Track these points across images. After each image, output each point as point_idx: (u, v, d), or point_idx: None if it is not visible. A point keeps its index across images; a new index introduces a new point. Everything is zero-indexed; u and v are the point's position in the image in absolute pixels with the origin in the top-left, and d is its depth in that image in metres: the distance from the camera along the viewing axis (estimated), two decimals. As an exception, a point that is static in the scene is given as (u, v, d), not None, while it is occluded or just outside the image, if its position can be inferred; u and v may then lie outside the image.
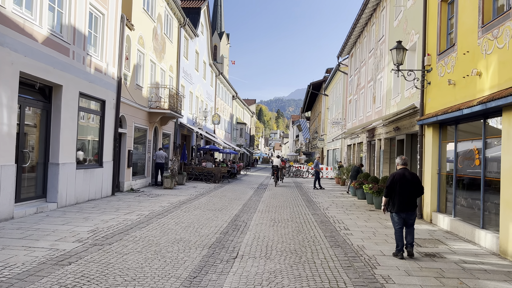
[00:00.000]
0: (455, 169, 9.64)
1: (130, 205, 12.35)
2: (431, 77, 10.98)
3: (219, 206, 13.30)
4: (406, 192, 7.00)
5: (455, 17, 9.43)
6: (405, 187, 7.01)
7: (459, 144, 9.59)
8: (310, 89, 46.68)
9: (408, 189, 7.01)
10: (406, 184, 7.03)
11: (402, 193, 7.00)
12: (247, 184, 23.93)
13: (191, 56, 27.36)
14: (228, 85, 41.97)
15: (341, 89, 30.61)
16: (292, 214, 12.01)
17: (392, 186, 7.08)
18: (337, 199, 16.54)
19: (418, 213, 11.41)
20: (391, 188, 7.09)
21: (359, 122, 22.57)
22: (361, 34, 23.17)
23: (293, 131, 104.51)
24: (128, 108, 16.15)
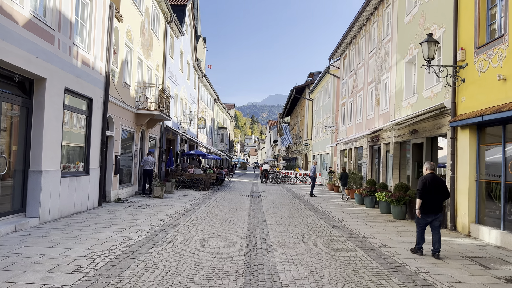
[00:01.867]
0: (504, 175, 8.57)
1: (124, 219, 10.70)
2: (466, 73, 9.93)
3: (223, 218, 11.82)
4: (435, 196, 7.45)
5: (505, 5, 8.38)
6: (434, 191, 7.43)
7: (507, 147, 8.53)
8: (293, 94, 45.74)
9: (437, 193, 7.45)
10: (435, 188, 7.45)
11: (431, 196, 7.43)
12: (238, 192, 22.45)
13: (176, 56, 25.75)
14: (210, 88, 40.43)
15: (331, 93, 29.66)
16: (309, 227, 10.68)
17: (425, 189, 7.43)
18: (345, 208, 15.33)
19: (451, 224, 10.31)
20: (424, 190, 7.43)
21: (356, 125, 21.55)
22: (357, 35, 22.24)
23: (270, 136, 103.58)
24: (116, 108, 14.45)
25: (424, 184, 7.48)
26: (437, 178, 7.58)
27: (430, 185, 7.45)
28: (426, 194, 7.42)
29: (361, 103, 21.21)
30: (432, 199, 7.44)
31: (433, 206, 7.45)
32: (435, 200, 7.45)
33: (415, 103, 13.54)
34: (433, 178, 7.54)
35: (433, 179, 7.52)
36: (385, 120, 16.75)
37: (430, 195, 7.42)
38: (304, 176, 31.48)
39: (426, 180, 7.50)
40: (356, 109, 21.80)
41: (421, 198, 7.45)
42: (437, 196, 7.45)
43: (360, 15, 19.68)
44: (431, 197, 7.44)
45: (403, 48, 14.89)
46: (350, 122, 23.20)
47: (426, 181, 7.49)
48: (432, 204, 7.45)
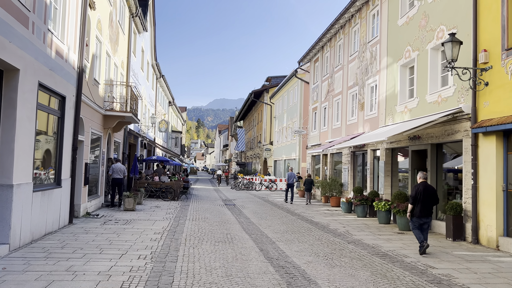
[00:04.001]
0: (544, 185, 8.05)
1: (111, 241, 8.98)
2: (491, 76, 9.40)
3: (220, 235, 10.46)
4: (427, 202, 8.55)
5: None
6: (426, 197, 8.54)
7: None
8: (252, 97, 44.83)
9: (429, 199, 8.56)
10: (427, 195, 8.55)
11: (424, 202, 8.52)
12: (209, 201, 20.95)
13: (138, 53, 23.79)
14: (167, 90, 38.35)
15: (298, 97, 29.03)
16: (323, 244, 9.62)
17: (417, 196, 8.56)
18: (336, 218, 14.47)
19: (473, 238, 9.71)
20: (416, 198, 8.57)
21: (333, 130, 20.94)
22: (333, 38, 21.68)
23: (220, 141, 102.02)
24: (86, 109, 12.53)
25: (417, 191, 8.59)
26: (428, 186, 8.72)
27: (423, 192, 8.55)
28: (419, 200, 8.52)
29: (338, 107, 20.62)
30: (424, 205, 8.52)
31: (425, 211, 8.53)
32: (427, 205, 8.54)
33: (415, 108, 12.99)
34: (425, 186, 8.64)
35: (425, 187, 8.62)
36: (372, 125, 16.18)
37: (423, 201, 8.51)
38: (270, 182, 30.52)
39: (419, 188, 8.62)
40: (332, 114, 21.18)
41: (413, 204, 8.60)
42: (429, 202, 8.57)
43: (341, 17, 19.10)
44: (424, 203, 8.51)
45: (397, 50, 14.37)
46: (324, 127, 22.56)
47: (419, 189, 8.61)
48: (425, 208, 8.52)
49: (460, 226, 10.11)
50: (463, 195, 10.35)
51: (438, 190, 11.92)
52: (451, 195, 11.61)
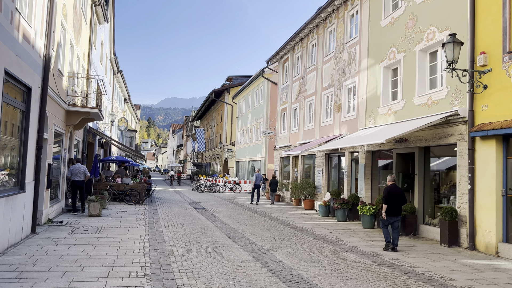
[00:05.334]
0: (550, 191, 7.95)
1: (89, 254, 7.84)
2: (490, 79, 9.26)
3: (206, 244, 9.61)
4: (397, 202, 9.34)
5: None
6: (396, 198, 9.33)
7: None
8: (212, 96, 43.79)
9: (398, 200, 9.35)
10: (397, 196, 9.35)
11: (394, 202, 9.30)
12: (176, 204, 19.82)
13: (98, 45, 22.14)
14: (123, 86, 36.43)
15: (264, 97, 28.49)
16: (321, 253, 9.05)
17: (389, 198, 9.29)
18: (318, 222, 14.00)
19: (469, 243, 9.52)
20: (388, 198, 9.29)
21: (304, 132, 20.56)
22: (305, 38, 21.32)
23: (174, 141, 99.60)
24: (51, 103, 11.15)
25: (389, 193, 9.33)
26: (398, 188, 9.56)
27: (393, 193, 9.32)
28: (390, 201, 9.26)
29: (311, 108, 20.26)
30: (394, 205, 9.30)
31: (395, 210, 9.32)
32: (397, 205, 9.32)
33: (400, 110, 12.78)
34: (395, 188, 9.47)
35: (395, 189, 9.44)
36: (350, 127, 15.90)
37: (393, 201, 9.29)
38: (234, 184, 29.72)
39: (390, 190, 9.38)
40: (304, 115, 20.79)
41: (387, 204, 9.28)
42: (398, 203, 9.34)
43: (317, 16, 18.74)
44: (394, 203, 9.30)
45: (380, 51, 14.15)
46: (294, 128, 22.14)
47: (390, 190, 9.37)
48: (395, 208, 9.32)
49: (456, 231, 9.91)
50: (457, 200, 10.18)
51: (426, 194, 11.76)
52: (440, 199, 11.46)
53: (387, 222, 9.37)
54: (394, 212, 9.31)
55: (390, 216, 9.32)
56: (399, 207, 9.35)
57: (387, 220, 9.34)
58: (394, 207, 9.29)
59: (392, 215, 9.32)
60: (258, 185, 20.56)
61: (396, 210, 9.32)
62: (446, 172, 11.50)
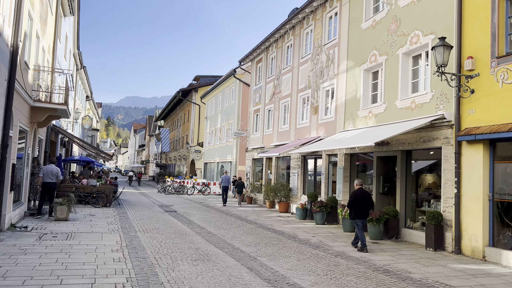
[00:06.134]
0: (538, 196, 8.03)
1: (65, 264, 7.13)
2: (478, 84, 9.30)
3: (190, 251, 9.09)
4: (364, 205, 9.81)
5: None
6: (363, 201, 9.80)
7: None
8: (179, 96, 42.80)
9: (365, 203, 9.83)
10: (364, 199, 9.82)
11: (361, 205, 9.77)
12: (146, 207, 18.99)
13: (63, 39, 20.92)
14: (86, 83, 34.82)
15: (235, 98, 28.04)
16: (313, 259, 8.75)
17: (355, 201, 9.78)
18: (297, 226, 13.74)
19: (455, 248, 9.52)
20: (354, 202, 9.80)
21: (279, 134, 20.30)
22: (280, 39, 21.10)
23: (136, 141, 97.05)
24: (17, 98, 10.21)
25: (356, 196, 9.83)
26: (364, 192, 10.06)
27: (360, 197, 9.80)
28: (357, 204, 9.75)
29: (286, 110, 20.04)
30: (361, 208, 9.77)
31: (362, 213, 9.80)
32: (364, 208, 9.81)
33: (382, 113, 12.74)
34: (362, 192, 9.95)
35: (362, 192, 9.92)
36: (328, 130, 15.78)
37: (361, 204, 9.74)
38: (203, 185, 29.05)
39: (357, 194, 9.86)
40: (279, 117, 20.54)
41: (350, 207, 9.86)
42: (365, 205, 9.82)
43: (294, 17, 18.54)
44: (361, 206, 9.74)
45: (360, 54, 14.09)
46: (268, 130, 21.85)
47: (357, 194, 9.86)
48: (362, 211, 9.80)
49: (441, 236, 9.91)
50: (442, 204, 10.18)
51: (408, 198, 11.75)
52: (422, 203, 11.47)
53: (361, 223, 9.73)
54: (361, 214, 9.78)
55: (358, 219, 9.76)
56: (366, 210, 9.86)
57: (358, 222, 9.74)
58: (362, 210, 9.77)
59: (360, 218, 9.76)
60: (226, 187, 21.06)
61: (364, 213, 9.83)
62: (429, 175, 11.54)
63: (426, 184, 11.53)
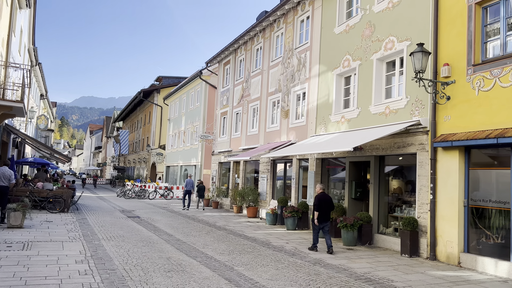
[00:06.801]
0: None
1: (24, 279, 6.40)
2: (454, 91, 9.38)
3: (161, 261, 8.56)
4: (326, 209, 10.20)
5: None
6: (325, 205, 10.20)
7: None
8: (141, 96, 41.55)
9: (327, 207, 10.25)
10: (326, 203, 10.24)
11: (324, 209, 10.14)
12: (105, 212, 18.05)
13: (17, 33, 19.57)
14: (41, 80, 32.96)
15: (201, 100, 27.44)
16: (291, 268, 8.45)
17: (320, 205, 10.11)
18: (269, 231, 13.41)
19: (431, 254, 9.53)
20: (319, 206, 10.12)
21: (247, 137, 19.96)
22: (249, 41, 20.81)
23: (92, 142, 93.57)
24: (-33, 93, 9.24)
25: (319, 201, 10.15)
26: (326, 196, 10.44)
27: (323, 201, 10.16)
28: (321, 208, 10.05)
29: (255, 113, 19.75)
30: (324, 211, 10.13)
31: (325, 216, 10.14)
32: (326, 212, 10.18)
33: (355, 119, 12.70)
34: (324, 196, 10.34)
35: (324, 197, 10.30)
36: (299, 134, 15.61)
37: (323, 208, 10.12)
38: (166, 190, 28.17)
39: (320, 198, 10.22)
40: (248, 120, 20.20)
41: (318, 211, 10.07)
42: (327, 209, 10.23)
43: (264, 19, 18.31)
44: (324, 210, 10.13)
45: (333, 59, 14.03)
46: (236, 133, 21.45)
47: (320, 198, 10.21)
48: (324, 214, 10.13)
49: (416, 242, 9.90)
50: (417, 210, 10.20)
51: (381, 203, 11.74)
52: (394, 208, 11.47)
53: (319, 228, 10.16)
54: (324, 218, 10.12)
55: (321, 222, 10.09)
56: (328, 213, 10.26)
57: (319, 225, 10.11)
58: (324, 213, 10.13)
59: (323, 221, 10.12)
60: (189, 191, 20.75)
61: (326, 216, 10.17)
62: (402, 181, 11.58)
63: (399, 190, 11.56)
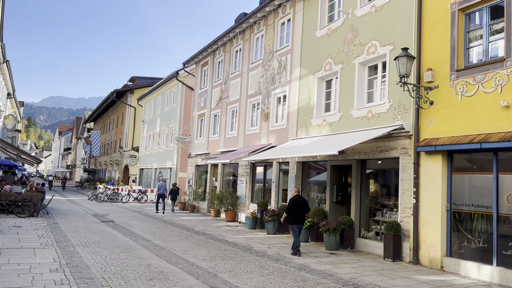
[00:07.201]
0: (496, 207, 8.23)
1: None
2: (437, 96, 9.45)
3: (142, 269, 8.22)
4: (301, 211, 10.27)
5: (510, 27, 8.12)
6: (300, 207, 10.26)
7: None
8: (113, 97, 40.53)
9: (302, 209, 10.30)
10: (300, 206, 10.30)
11: (298, 211, 10.23)
12: (77, 216, 17.39)
13: (-15, 27, 18.68)
14: (9, 79, 31.65)
15: (177, 101, 26.96)
16: (277, 274, 8.26)
17: (293, 207, 10.21)
18: (249, 236, 13.19)
19: (414, 258, 9.55)
20: (292, 208, 10.20)
21: (226, 139, 19.69)
22: (228, 43, 20.58)
23: (61, 143, 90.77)
24: None
25: (293, 203, 10.26)
26: (301, 198, 10.53)
27: (297, 203, 10.25)
28: (294, 210, 10.18)
29: (234, 116, 19.51)
30: (299, 213, 10.22)
31: (299, 218, 10.25)
32: (301, 214, 10.26)
33: (336, 122, 12.67)
34: (299, 198, 10.44)
35: (299, 199, 10.40)
36: (280, 137, 15.49)
37: (298, 210, 10.20)
38: (140, 193, 27.49)
39: (295, 200, 10.32)
40: (226, 122, 19.93)
41: (288, 213, 10.24)
42: (302, 211, 10.28)
43: (244, 21, 18.14)
44: (298, 212, 10.19)
45: (314, 62, 13.98)
46: (214, 135, 21.13)
47: (295, 201, 10.31)
48: (299, 216, 10.23)
49: (399, 246, 9.90)
50: (400, 214, 10.22)
51: (362, 207, 11.72)
52: (377, 212, 11.47)
53: (297, 229, 10.18)
54: (298, 220, 10.22)
55: (296, 224, 10.20)
56: (303, 216, 10.33)
57: (294, 227, 10.18)
58: (298, 216, 10.20)
59: (297, 223, 10.21)
60: (162, 194, 20.50)
61: (301, 219, 10.29)
62: (384, 185, 11.60)
63: (381, 194, 11.58)
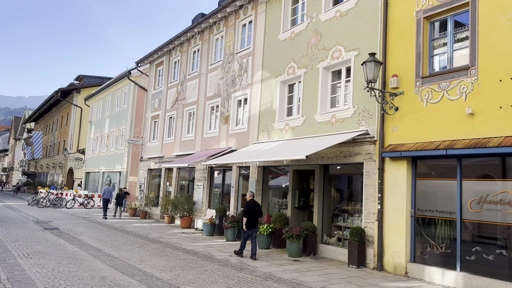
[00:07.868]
0: (460, 212, 8.34)
1: None
2: (402, 102, 9.50)
3: (96, 282, 7.53)
4: (254, 216, 10.44)
5: (474, 38, 8.29)
6: (253, 212, 10.45)
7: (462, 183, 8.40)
8: (58, 96, 38.27)
9: (256, 213, 10.51)
10: (254, 210, 10.50)
11: (252, 216, 10.39)
12: (17, 223, 15.98)
13: None
14: None
15: (130, 101, 25.80)
16: (245, 285, 7.83)
17: (249, 211, 10.36)
18: (208, 243, 12.66)
19: (378, 264, 9.49)
20: (248, 212, 10.37)
21: (182, 142, 18.98)
22: (186, 43, 19.94)
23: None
24: None
25: (248, 207, 10.43)
26: (255, 203, 10.69)
27: (252, 208, 10.43)
28: (250, 214, 10.31)
29: (191, 118, 18.87)
30: (252, 218, 10.37)
31: (253, 222, 10.39)
32: (254, 218, 10.41)
33: (299, 127, 12.49)
34: (253, 203, 10.62)
35: (253, 204, 10.59)
36: (240, 141, 15.09)
37: (252, 214, 10.36)
38: (86, 198, 25.95)
39: (249, 204, 10.50)
40: (182, 125, 19.23)
41: (246, 217, 10.31)
42: (255, 215, 10.45)
43: (203, 21, 17.62)
44: (252, 216, 10.36)
45: (277, 65, 13.77)
46: (169, 138, 20.33)
47: (249, 205, 10.49)
48: (253, 221, 10.39)
49: (363, 252, 9.82)
50: (364, 220, 10.15)
51: (325, 212, 11.60)
52: (339, 218, 11.38)
53: (247, 234, 10.36)
54: (252, 224, 10.36)
55: (250, 228, 10.33)
56: (256, 220, 10.46)
57: (247, 232, 10.33)
58: (253, 220, 10.36)
59: (251, 227, 10.36)
60: (107, 199, 20.04)
61: (254, 222, 10.42)
62: (347, 190, 11.55)
63: (343, 199, 11.51)
